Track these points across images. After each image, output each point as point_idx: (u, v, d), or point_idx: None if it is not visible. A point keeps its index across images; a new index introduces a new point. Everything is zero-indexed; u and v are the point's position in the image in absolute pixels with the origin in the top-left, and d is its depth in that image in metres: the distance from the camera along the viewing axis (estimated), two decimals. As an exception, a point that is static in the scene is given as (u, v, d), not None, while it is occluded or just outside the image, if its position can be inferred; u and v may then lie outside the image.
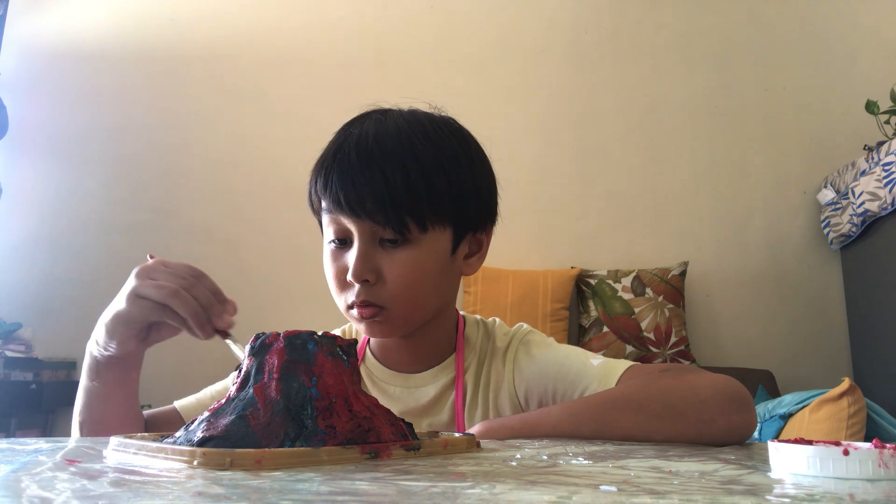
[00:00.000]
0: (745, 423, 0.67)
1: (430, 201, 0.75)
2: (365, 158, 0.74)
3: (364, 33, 2.90)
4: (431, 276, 0.78)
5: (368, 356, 0.88)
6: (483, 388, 0.83)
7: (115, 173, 2.81)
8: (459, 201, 0.78)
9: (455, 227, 0.78)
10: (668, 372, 0.74)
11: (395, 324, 0.78)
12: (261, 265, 2.72)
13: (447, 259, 0.79)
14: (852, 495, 0.33)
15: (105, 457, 0.43)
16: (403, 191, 0.73)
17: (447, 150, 0.78)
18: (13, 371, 2.42)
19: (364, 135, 0.77)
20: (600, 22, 2.89)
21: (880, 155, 2.21)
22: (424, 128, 0.79)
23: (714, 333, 2.62)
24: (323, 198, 0.77)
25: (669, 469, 0.41)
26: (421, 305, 0.79)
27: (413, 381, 0.84)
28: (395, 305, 0.76)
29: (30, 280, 2.69)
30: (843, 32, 2.80)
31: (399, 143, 0.76)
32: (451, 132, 0.81)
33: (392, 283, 0.75)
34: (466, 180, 0.79)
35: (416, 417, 0.82)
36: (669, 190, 2.72)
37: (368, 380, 0.86)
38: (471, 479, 0.36)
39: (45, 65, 2.89)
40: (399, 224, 0.73)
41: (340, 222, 0.77)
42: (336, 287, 0.80)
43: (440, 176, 0.75)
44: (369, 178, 0.73)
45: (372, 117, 0.82)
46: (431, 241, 0.76)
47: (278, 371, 0.46)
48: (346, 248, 0.78)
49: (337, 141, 0.80)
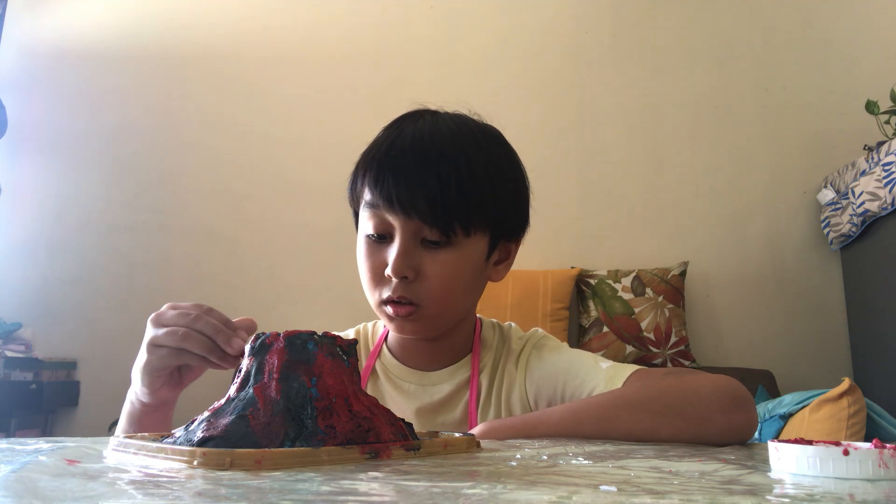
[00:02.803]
0: (746, 421, 0.67)
1: (478, 207, 0.77)
2: (420, 158, 0.75)
3: (364, 33, 2.90)
4: (467, 279, 0.80)
5: (385, 352, 0.89)
6: (496, 390, 0.84)
7: (115, 173, 2.81)
8: (501, 210, 0.80)
9: (492, 234, 0.80)
10: (670, 374, 0.75)
11: (426, 323, 0.79)
12: (261, 265, 2.72)
13: (482, 264, 0.81)
14: (852, 495, 0.33)
15: (105, 457, 0.43)
16: (456, 194, 0.74)
17: (494, 158, 0.80)
18: (13, 371, 2.42)
19: (419, 134, 0.78)
20: (600, 22, 2.89)
21: (880, 155, 2.21)
22: (474, 134, 0.81)
23: (714, 333, 2.62)
24: (371, 192, 0.77)
25: (669, 469, 0.41)
26: (454, 307, 0.81)
27: (428, 378, 0.85)
28: (429, 305, 0.77)
29: (30, 280, 2.69)
30: (843, 32, 2.80)
31: (453, 146, 0.77)
32: (497, 142, 0.83)
33: (430, 283, 0.76)
34: (510, 190, 0.81)
35: (430, 414, 0.83)
36: (669, 190, 2.72)
37: (383, 375, 0.87)
38: (471, 479, 0.36)
39: (45, 65, 2.89)
40: (446, 226, 0.75)
41: (383, 217, 0.77)
42: (371, 281, 0.80)
43: (488, 183, 0.77)
44: (424, 178, 0.74)
45: (424, 117, 0.82)
46: (471, 246, 0.78)
47: (278, 371, 0.46)
48: (384, 244, 0.78)
49: (389, 137, 0.81)
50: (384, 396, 0.86)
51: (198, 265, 2.71)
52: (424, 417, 0.83)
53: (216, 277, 2.68)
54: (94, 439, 0.50)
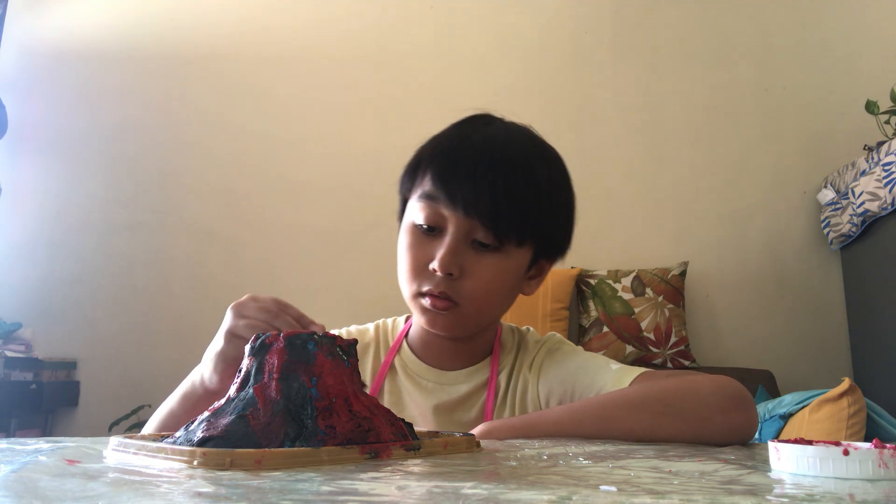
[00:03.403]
0: (746, 421, 0.67)
1: (535, 221, 0.78)
2: (490, 161, 0.76)
3: (364, 33, 2.90)
4: (506, 287, 0.81)
5: (405, 348, 0.89)
6: (511, 392, 0.85)
7: (115, 173, 2.81)
8: (552, 228, 0.82)
9: (536, 249, 0.81)
10: (674, 376, 0.75)
11: (460, 322, 0.80)
12: (261, 265, 2.72)
13: (521, 275, 0.82)
14: (852, 495, 0.33)
15: (105, 457, 0.43)
16: (520, 205, 0.76)
17: (556, 177, 0.82)
18: (13, 371, 2.42)
19: (490, 138, 0.79)
20: (600, 22, 2.89)
21: (880, 155, 2.21)
22: (541, 151, 0.83)
23: (714, 333, 2.62)
24: (434, 184, 0.78)
25: (669, 469, 0.41)
26: (489, 311, 0.82)
27: (447, 378, 0.86)
28: (467, 304, 0.78)
29: (30, 280, 2.69)
30: (843, 32, 2.80)
31: (522, 157, 0.79)
32: (559, 162, 0.85)
33: (472, 284, 0.77)
34: (564, 211, 0.84)
35: (447, 412, 0.83)
36: (669, 190, 2.72)
37: (402, 371, 0.87)
38: (471, 479, 0.36)
39: (45, 65, 2.89)
40: (503, 232, 0.76)
41: (438, 211, 0.78)
42: (411, 272, 0.80)
43: (548, 200, 0.79)
44: (492, 182, 0.75)
45: (495, 123, 0.84)
46: (517, 256, 0.79)
47: (278, 371, 0.46)
48: (431, 237, 0.79)
49: (460, 134, 0.81)
50: (401, 392, 0.86)
51: (198, 265, 2.71)
52: (441, 415, 0.83)
53: (216, 277, 2.68)
54: (94, 439, 0.50)
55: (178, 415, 0.73)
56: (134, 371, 2.59)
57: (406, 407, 0.85)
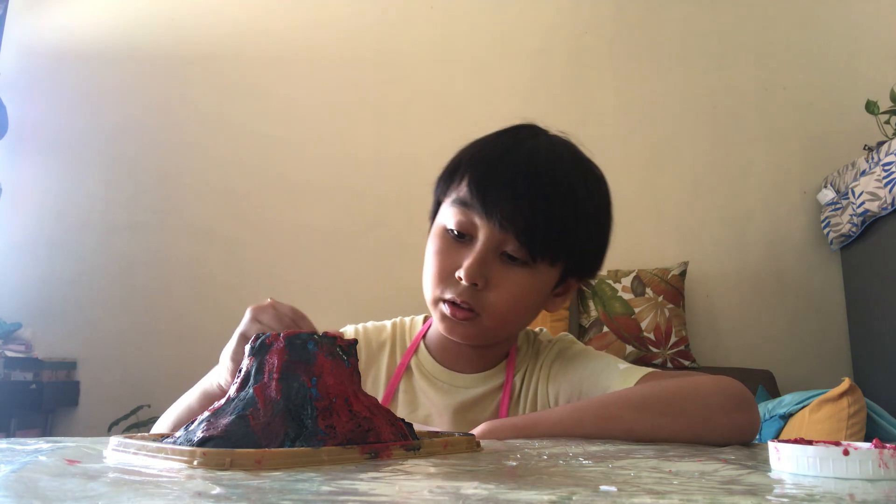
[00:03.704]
0: (747, 421, 0.67)
1: (570, 242, 0.77)
2: (532, 177, 0.75)
3: (364, 33, 2.90)
4: (530, 302, 0.80)
5: (422, 349, 0.89)
6: (524, 394, 0.85)
7: (115, 173, 2.81)
8: (586, 250, 0.81)
9: (566, 268, 0.80)
10: (678, 376, 0.75)
11: (479, 332, 0.79)
12: (261, 265, 2.72)
13: (547, 292, 0.81)
14: (852, 495, 0.33)
15: (105, 457, 0.43)
16: (558, 225, 0.74)
17: (597, 200, 0.81)
18: (13, 371, 2.42)
19: (535, 152, 0.78)
20: (600, 22, 2.89)
21: (880, 155, 2.21)
22: (585, 171, 0.81)
23: (714, 333, 2.62)
24: (471, 192, 0.76)
25: (669, 469, 0.41)
26: (509, 325, 0.81)
27: (461, 380, 0.85)
28: (488, 316, 0.77)
29: (30, 280, 2.69)
30: (843, 32, 2.80)
31: (565, 176, 0.77)
32: (601, 184, 0.83)
33: (496, 296, 0.76)
34: (600, 235, 0.82)
35: (462, 411, 0.83)
36: (669, 190, 2.72)
37: (417, 370, 0.87)
38: (471, 479, 0.36)
39: (45, 65, 2.89)
40: (536, 250, 0.75)
41: (471, 219, 0.76)
42: (436, 277, 0.78)
43: (586, 223, 0.78)
44: (532, 199, 0.74)
45: (540, 136, 0.82)
46: (545, 273, 0.78)
47: (278, 371, 0.46)
48: (461, 244, 0.78)
49: (503, 144, 0.79)
50: (417, 392, 0.86)
51: (198, 265, 2.71)
52: (456, 415, 0.83)
53: (216, 277, 2.68)
54: (94, 439, 0.50)
55: (196, 412, 0.73)
56: (134, 371, 2.59)
57: (421, 405, 0.85)
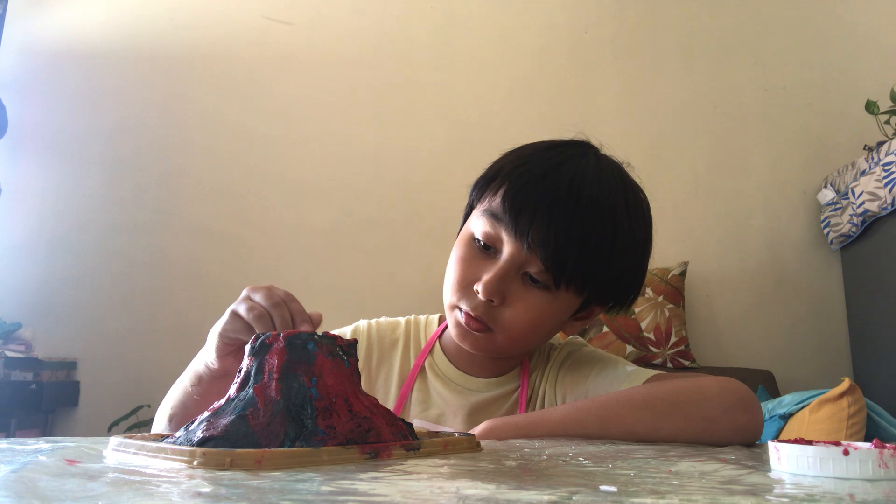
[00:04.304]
0: (750, 422, 0.67)
1: (601, 278, 0.75)
2: (572, 204, 0.72)
3: (364, 33, 2.90)
4: (546, 326, 0.78)
5: (437, 349, 0.88)
6: (534, 396, 0.85)
7: (115, 173, 2.81)
8: (617, 285, 0.78)
9: (590, 296, 0.78)
10: (682, 378, 0.75)
11: (490, 346, 0.78)
12: (261, 265, 2.72)
13: (566, 317, 0.79)
14: (852, 495, 0.33)
15: (105, 457, 0.43)
16: (591, 257, 0.72)
17: (639, 231, 0.79)
18: (13, 371, 2.42)
19: (580, 177, 0.74)
20: (600, 22, 2.89)
21: (880, 155, 2.21)
22: (629, 199, 0.78)
23: (714, 333, 2.62)
24: (504, 207, 0.73)
25: (669, 469, 0.41)
26: (521, 344, 0.80)
27: (476, 384, 0.85)
28: (502, 333, 0.76)
29: (30, 280, 2.69)
30: (843, 32, 2.80)
31: (608, 208, 0.74)
32: (644, 215, 0.81)
33: (512, 315, 0.74)
34: (634, 272, 0.80)
35: (475, 412, 0.83)
36: (669, 190, 2.72)
37: (430, 371, 0.87)
38: (471, 479, 0.36)
39: (45, 65, 2.89)
40: (561, 280, 0.73)
41: (499, 233, 0.74)
42: (455, 286, 0.77)
43: (621, 260, 0.75)
44: (568, 227, 0.71)
45: (589, 158, 0.78)
46: (567, 299, 0.76)
47: (278, 371, 0.46)
48: (486, 255, 0.76)
49: (548, 160, 0.76)
50: (430, 391, 0.86)
51: (198, 265, 2.71)
52: (470, 416, 0.83)
53: (216, 277, 2.68)
54: (94, 439, 0.50)
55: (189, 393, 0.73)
56: (134, 371, 2.59)
57: (434, 405, 0.85)
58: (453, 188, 2.71)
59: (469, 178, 0.83)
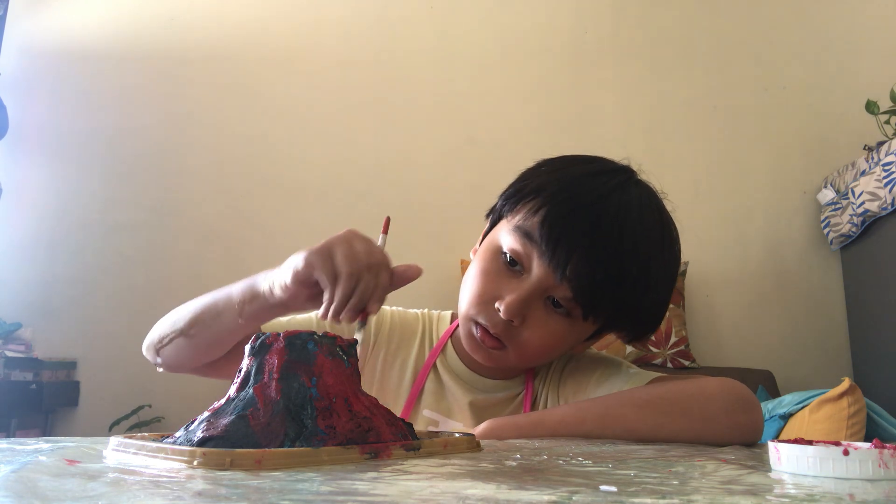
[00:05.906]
0: (750, 422, 0.67)
1: (627, 312, 0.74)
2: (617, 242, 0.70)
3: (364, 33, 2.90)
4: (561, 348, 0.79)
5: (448, 347, 0.88)
6: (536, 401, 0.85)
7: (115, 173, 2.80)
8: (640, 320, 0.77)
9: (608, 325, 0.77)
10: (684, 379, 0.75)
11: (501, 362, 0.78)
12: (261, 265, 2.71)
13: (580, 341, 0.80)
14: (852, 495, 0.33)
15: (105, 457, 0.43)
16: (624, 295, 0.71)
17: (669, 269, 0.78)
18: (13, 371, 2.42)
19: (626, 210, 0.73)
20: (600, 22, 2.89)
21: (880, 155, 2.21)
22: (665, 235, 0.77)
23: (714, 333, 2.62)
24: (540, 230, 0.71)
25: (669, 469, 0.41)
26: (533, 363, 0.81)
27: (485, 384, 0.85)
28: (516, 351, 0.75)
29: (30, 280, 2.68)
30: (843, 32, 2.80)
31: (646, 247, 0.73)
32: (675, 252, 0.79)
33: (529, 335, 0.74)
34: (662, 308, 0.79)
35: (482, 409, 0.83)
36: (669, 190, 2.71)
37: (442, 366, 0.87)
38: (471, 479, 0.36)
39: (45, 65, 2.89)
40: (589, 313, 0.72)
41: (531, 254, 0.72)
42: (475, 299, 0.75)
43: (649, 298, 0.75)
44: (608, 265, 0.70)
45: (632, 189, 0.77)
46: (584, 325, 0.75)
47: (278, 371, 0.46)
48: (511, 271, 0.74)
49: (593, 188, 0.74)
50: (442, 386, 0.86)
51: (198, 265, 2.71)
52: (476, 412, 0.83)
53: (216, 277, 2.66)
54: (94, 439, 0.50)
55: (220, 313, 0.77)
56: (134, 371, 2.59)
57: (444, 399, 0.85)
58: (453, 188, 2.72)
59: (469, 178, 0.83)
